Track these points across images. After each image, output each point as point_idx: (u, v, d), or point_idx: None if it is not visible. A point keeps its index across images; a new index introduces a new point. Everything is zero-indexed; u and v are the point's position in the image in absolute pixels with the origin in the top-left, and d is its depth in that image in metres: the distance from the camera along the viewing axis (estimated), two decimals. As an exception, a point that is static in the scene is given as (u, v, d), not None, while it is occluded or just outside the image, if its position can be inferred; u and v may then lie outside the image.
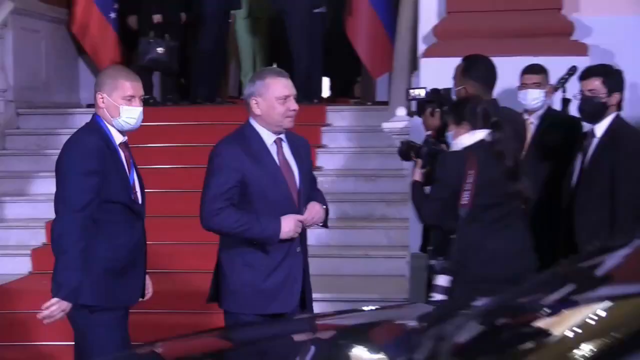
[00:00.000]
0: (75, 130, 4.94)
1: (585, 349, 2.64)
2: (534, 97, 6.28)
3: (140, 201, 4.90)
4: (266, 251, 4.75)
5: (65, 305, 4.56)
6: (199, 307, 5.72)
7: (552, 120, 6.34)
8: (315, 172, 5.23)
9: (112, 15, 10.12)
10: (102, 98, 4.79)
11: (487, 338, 3.19)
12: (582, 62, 6.58)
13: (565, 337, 2.81)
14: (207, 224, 4.74)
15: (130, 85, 4.81)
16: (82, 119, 9.45)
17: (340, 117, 9.28)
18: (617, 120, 5.78)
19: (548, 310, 3.10)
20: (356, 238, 7.78)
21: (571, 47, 7.53)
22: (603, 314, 2.84)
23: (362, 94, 11.32)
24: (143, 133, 5.28)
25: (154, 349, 4.09)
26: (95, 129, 4.81)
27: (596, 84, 5.74)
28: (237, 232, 4.68)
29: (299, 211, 4.82)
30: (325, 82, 11.44)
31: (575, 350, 2.66)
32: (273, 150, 4.86)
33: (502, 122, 5.12)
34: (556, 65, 6.70)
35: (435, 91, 5.85)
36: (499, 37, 7.46)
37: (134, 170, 4.91)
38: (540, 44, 7.39)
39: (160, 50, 9.58)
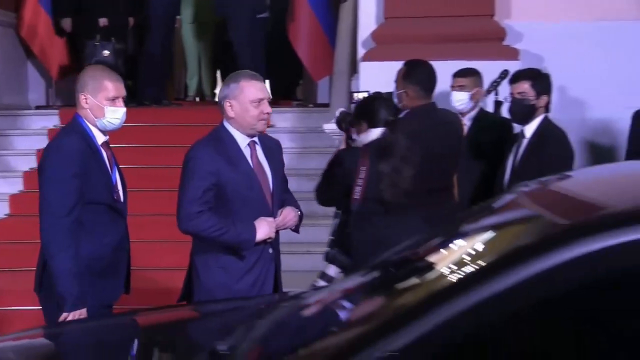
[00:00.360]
0: (25, 131, 4.91)
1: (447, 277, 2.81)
2: (458, 99, 6.39)
3: (122, 199, 4.87)
4: (240, 254, 4.74)
5: (79, 313, 4.51)
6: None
7: (484, 121, 6.42)
8: (259, 171, 5.24)
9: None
10: (86, 99, 4.76)
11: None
12: (514, 66, 6.68)
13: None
14: (185, 227, 4.70)
15: (113, 86, 4.78)
16: (31, 120, 9.44)
17: (283, 119, 9.31)
18: (545, 122, 5.87)
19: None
20: (299, 235, 7.79)
21: (503, 51, 7.63)
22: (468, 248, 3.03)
23: (304, 96, 11.35)
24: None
25: (131, 317, 4.20)
26: (77, 130, 4.77)
27: (525, 87, 5.83)
28: (213, 236, 4.65)
29: (273, 213, 4.81)
30: (269, 84, 11.45)
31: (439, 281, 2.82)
32: (247, 153, 4.83)
33: (395, 121, 5.19)
34: (489, 69, 6.79)
35: (377, 94, 5.90)
36: (434, 42, 7.54)
37: (116, 170, 4.88)
38: (474, 48, 7.47)
39: (105, 52, 9.53)
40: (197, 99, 11.73)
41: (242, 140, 4.84)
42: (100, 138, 4.81)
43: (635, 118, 6.70)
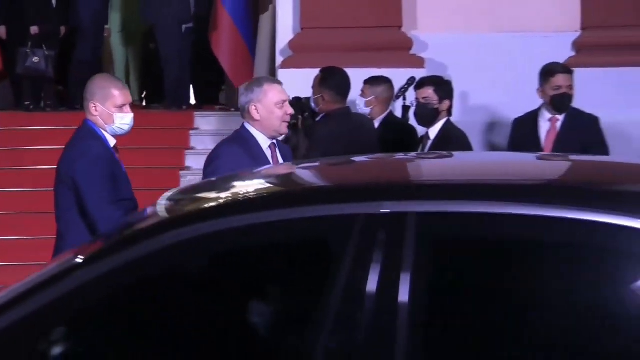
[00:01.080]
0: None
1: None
2: (356, 104, 6.49)
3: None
4: None
5: None
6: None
7: (391, 125, 6.52)
8: (184, 172, 5.26)
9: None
10: (95, 106, 4.73)
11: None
12: (420, 74, 6.80)
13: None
14: None
15: (120, 94, 4.77)
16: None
17: (206, 122, 9.30)
18: (448, 124, 6.00)
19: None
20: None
21: (410, 60, 7.74)
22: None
23: (227, 101, 11.34)
24: (25, 136, 5.22)
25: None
26: (94, 135, 4.76)
27: (429, 92, 5.95)
28: None
29: None
30: (192, 90, 11.42)
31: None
32: (268, 154, 4.80)
33: (297, 125, 5.25)
34: (397, 77, 6.89)
35: (297, 99, 5.95)
36: (347, 51, 7.61)
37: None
38: (383, 57, 7.56)
39: (35, 59, 9.40)
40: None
41: (264, 142, 4.80)
42: (111, 142, 4.81)
43: (515, 125, 6.68)
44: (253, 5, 9.52)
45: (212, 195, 3.13)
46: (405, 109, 6.89)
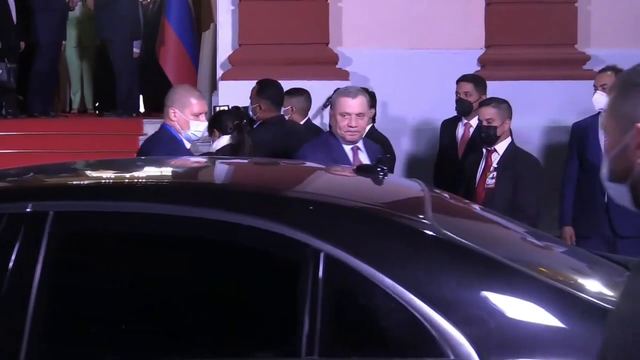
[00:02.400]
0: None
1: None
2: None
3: None
4: None
5: None
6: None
7: (310, 131, 6.49)
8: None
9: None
10: (174, 112, 4.67)
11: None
12: (345, 85, 6.80)
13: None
14: None
15: (197, 103, 4.73)
16: None
17: (154, 128, 8.95)
18: (372, 130, 6.03)
19: None
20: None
21: (336, 73, 7.76)
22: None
23: (173, 109, 11.26)
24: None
25: None
26: (174, 139, 4.73)
27: None
28: None
29: None
30: (142, 100, 11.30)
31: None
32: (350, 155, 4.70)
33: (242, 126, 5.24)
34: (324, 88, 6.91)
35: (236, 108, 5.94)
36: (280, 65, 7.60)
37: None
38: (313, 70, 7.58)
39: (-1, 71, 9.24)
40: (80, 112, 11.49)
41: (346, 145, 4.72)
42: (187, 145, 4.78)
43: (442, 129, 6.79)
44: (196, 23, 9.47)
45: None
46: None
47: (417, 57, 7.87)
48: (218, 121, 5.38)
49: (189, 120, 4.73)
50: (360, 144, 4.77)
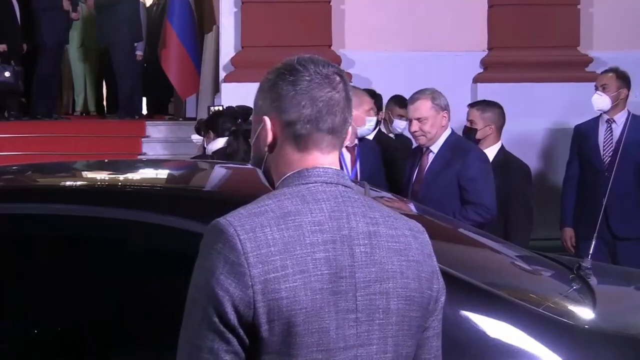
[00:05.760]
0: None
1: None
2: None
3: None
4: None
5: None
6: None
7: None
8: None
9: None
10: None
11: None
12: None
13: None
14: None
15: (369, 101, 5.06)
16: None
17: (157, 130, 9.24)
18: (379, 132, 6.07)
19: None
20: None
21: (338, 75, 7.76)
22: None
23: (175, 111, 11.29)
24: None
25: None
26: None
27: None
28: None
29: None
30: (145, 102, 11.34)
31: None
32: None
33: (237, 131, 5.25)
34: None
35: (230, 108, 5.97)
36: (282, 67, 7.61)
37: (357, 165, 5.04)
38: (315, 73, 7.58)
39: (7, 74, 9.24)
40: (84, 114, 11.51)
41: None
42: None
43: None
44: (199, 25, 9.49)
45: None
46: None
47: (420, 60, 7.87)
48: (214, 123, 5.37)
49: (365, 117, 5.00)
50: (432, 147, 4.73)
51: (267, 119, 1.83)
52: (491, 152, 5.14)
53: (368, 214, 1.77)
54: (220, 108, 6.07)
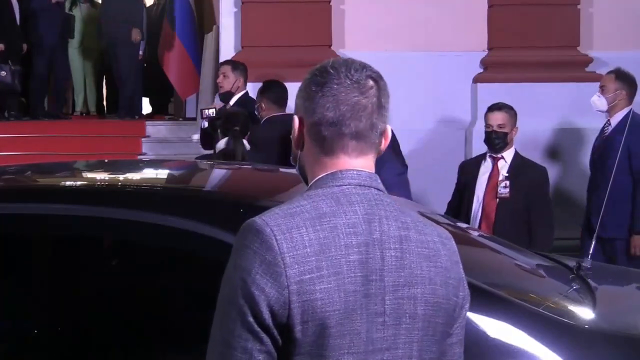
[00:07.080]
0: None
1: None
2: None
3: None
4: None
5: None
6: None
7: None
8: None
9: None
10: None
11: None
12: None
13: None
14: None
15: None
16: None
17: (157, 130, 9.24)
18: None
19: None
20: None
21: (338, 75, 7.75)
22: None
23: (175, 111, 11.29)
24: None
25: None
26: None
27: None
28: None
29: None
30: (145, 101, 11.34)
31: None
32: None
33: (238, 132, 5.28)
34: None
35: (222, 109, 6.02)
36: (282, 67, 7.59)
37: None
38: (314, 72, 7.57)
39: (3, 73, 9.24)
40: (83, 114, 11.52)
41: None
42: None
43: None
44: (199, 25, 9.49)
45: None
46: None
47: (420, 60, 7.87)
48: (218, 123, 5.45)
49: None
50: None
51: (296, 118, 1.87)
52: (510, 154, 5.36)
53: (400, 218, 1.79)
54: (213, 110, 6.15)
